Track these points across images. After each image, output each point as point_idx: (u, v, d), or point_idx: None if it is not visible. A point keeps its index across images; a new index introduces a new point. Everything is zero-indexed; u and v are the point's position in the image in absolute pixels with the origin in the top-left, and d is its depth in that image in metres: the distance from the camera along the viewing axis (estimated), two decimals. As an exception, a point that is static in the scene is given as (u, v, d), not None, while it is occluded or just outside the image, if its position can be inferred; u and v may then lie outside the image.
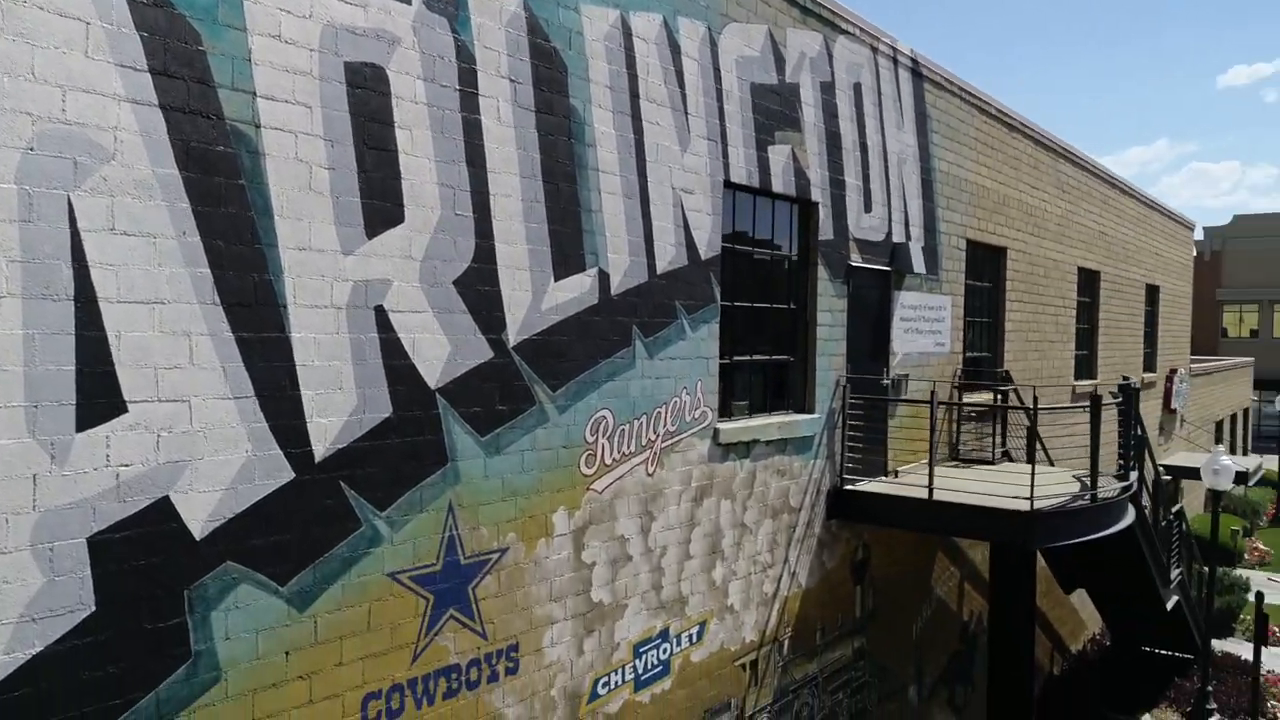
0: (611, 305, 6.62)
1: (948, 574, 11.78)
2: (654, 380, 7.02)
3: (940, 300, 11.14)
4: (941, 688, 11.76)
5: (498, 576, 5.89)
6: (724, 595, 7.88)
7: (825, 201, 8.94)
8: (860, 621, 9.85)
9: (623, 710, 6.90)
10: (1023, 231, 13.39)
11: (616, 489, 6.75)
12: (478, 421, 5.72)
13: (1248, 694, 14.28)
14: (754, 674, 8.29)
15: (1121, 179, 17.88)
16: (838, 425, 9.30)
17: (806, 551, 8.92)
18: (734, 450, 7.90)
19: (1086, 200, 15.97)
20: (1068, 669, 15.96)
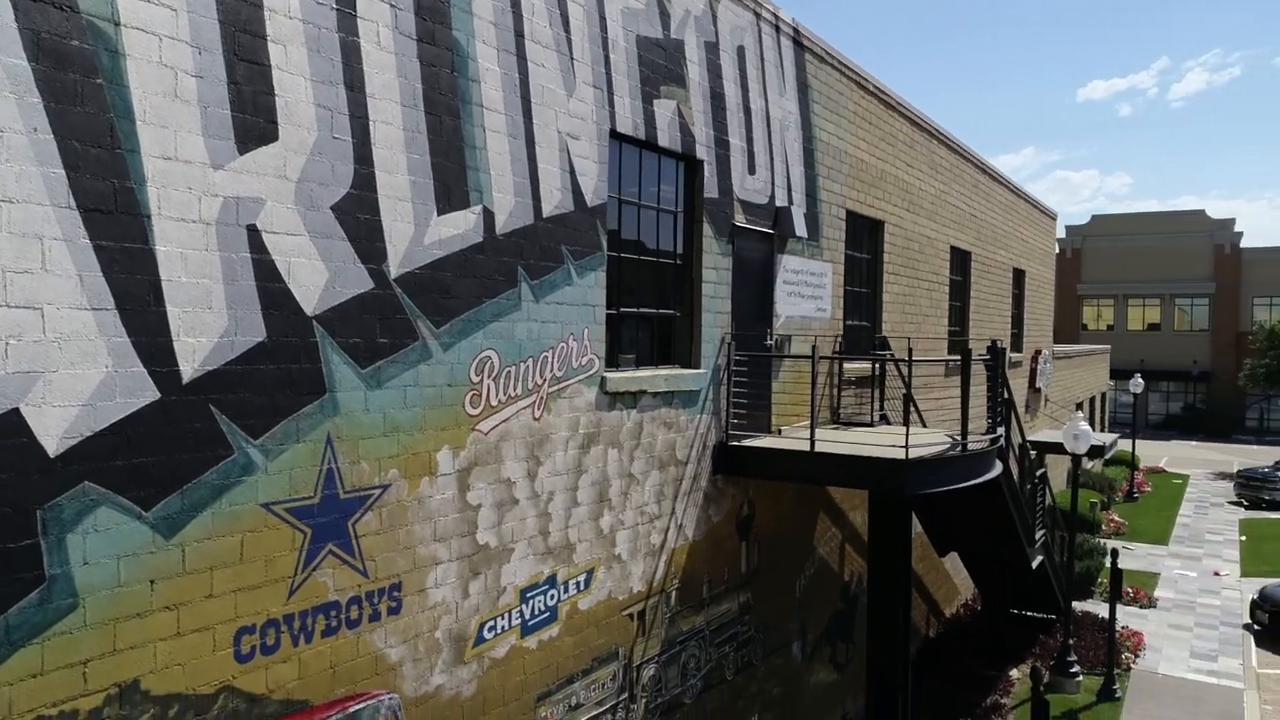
0: (497, 245, 6.56)
1: (829, 535, 12.13)
2: (540, 324, 6.99)
3: (822, 267, 11.45)
4: (824, 645, 12.09)
5: (379, 513, 5.76)
6: (611, 544, 7.91)
7: (710, 160, 9.08)
8: (746, 577, 10.04)
9: (509, 655, 6.85)
10: (899, 207, 13.89)
11: (503, 431, 6.69)
12: (358, 353, 5.58)
13: (1104, 647, 15.19)
14: (642, 624, 8.35)
15: (991, 165, 18.76)
16: (723, 382, 9.45)
17: (693, 505, 9.04)
18: (621, 400, 7.94)
19: (958, 182, 16.69)
20: (942, 631, 16.64)
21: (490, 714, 6.68)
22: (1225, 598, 19.88)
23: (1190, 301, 56.02)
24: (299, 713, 5.28)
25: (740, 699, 10.03)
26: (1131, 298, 56.96)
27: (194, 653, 4.75)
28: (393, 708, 5.88)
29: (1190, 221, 55.28)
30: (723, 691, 9.67)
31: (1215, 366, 54.09)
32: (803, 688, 11.49)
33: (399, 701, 5.94)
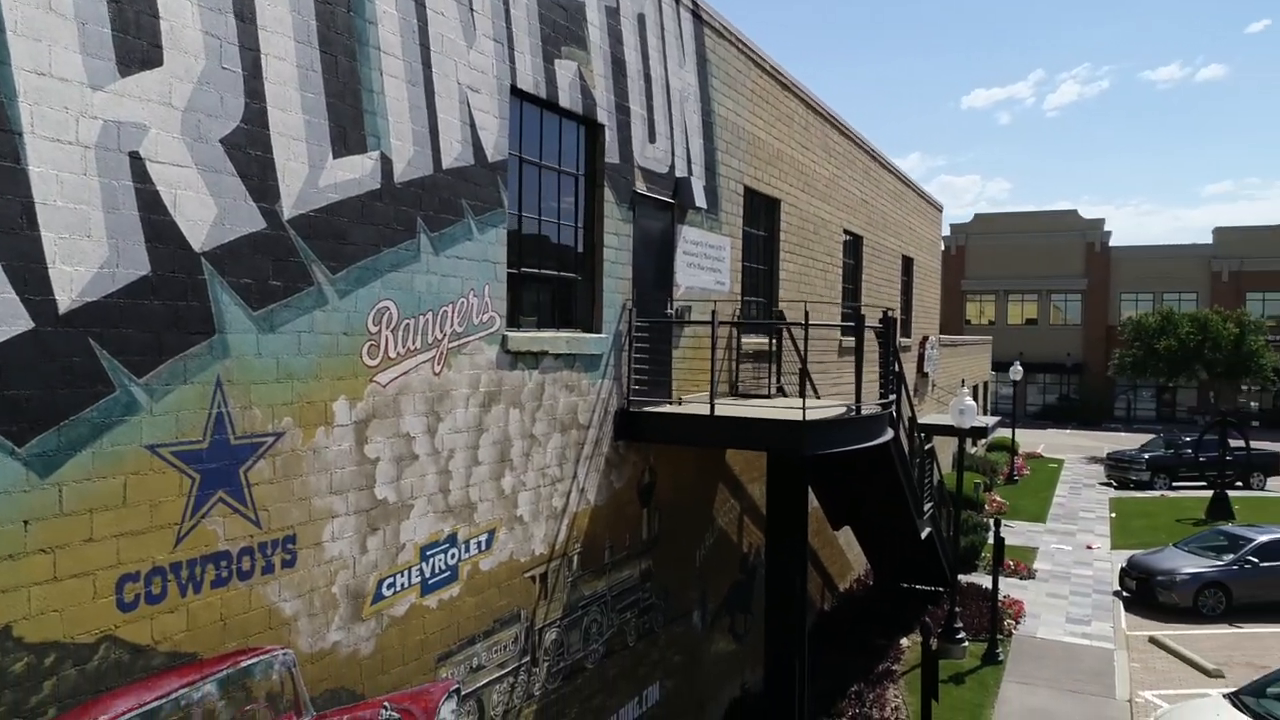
0: (395, 193, 6.43)
1: (729, 506, 12.31)
2: (440, 277, 6.88)
3: (721, 240, 11.61)
4: (724, 615, 12.26)
5: (272, 462, 5.57)
6: (513, 505, 7.85)
7: (611, 125, 9.10)
8: (647, 544, 10.10)
9: (409, 614, 6.72)
10: (795, 187, 14.20)
11: (402, 384, 6.56)
12: (249, 294, 5.38)
13: (988, 615, 15.87)
14: (544, 587, 8.31)
15: (881, 154, 19.36)
16: (624, 348, 9.49)
17: (595, 470, 9.05)
18: (523, 360, 7.89)
19: (851, 167, 17.16)
20: (837, 605, 17.09)
21: (389, 673, 6.54)
22: (1097, 569, 21.02)
23: (1065, 297, 59.01)
24: (187, 666, 5.07)
25: (642, 665, 10.09)
26: (1011, 293, 59.65)
27: (73, 599, 4.51)
28: (287, 664, 5.70)
29: (1064, 221, 58.21)
30: (625, 657, 9.71)
31: (1087, 359, 57.12)
32: (703, 656, 11.64)
33: (294, 658, 5.77)
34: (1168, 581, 17.93)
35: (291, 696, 5.74)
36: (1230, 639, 16.38)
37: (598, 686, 9.21)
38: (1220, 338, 38.76)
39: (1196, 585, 17.76)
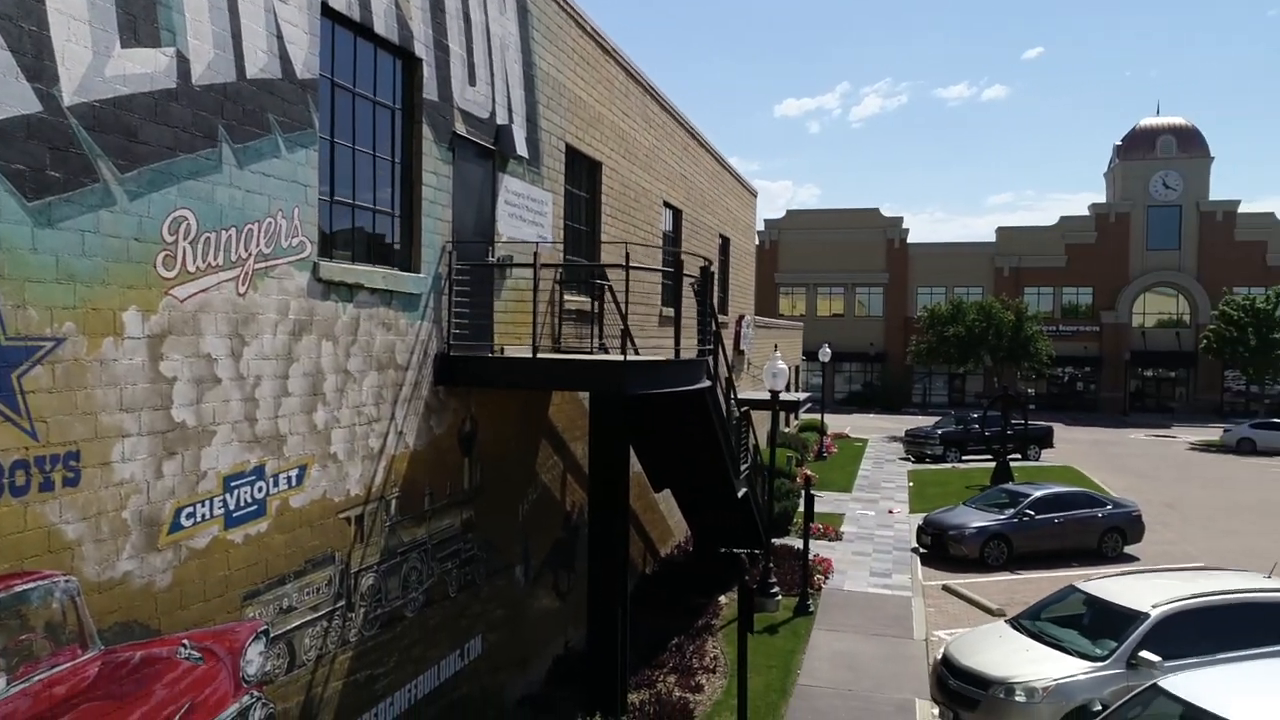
0: (193, 96, 6.03)
1: (552, 463, 12.31)
2: (245, 193, 6.51)
3: (543, 195, 11.58)
4: (547, 572, 12.25)
5: (52, 369, 5.10)
6: (326, 442, 7.54)
7: (430, 61, 8.90)
8: (469, 494, 9.94)
9: (212, 547, 6.32)
10: (616, 152, 14.36)
11: (202, 301, 6.16)
12: (23, 182, 4.90)
13: (800, 572, 16.63)
14: (360, 529, 8.03)
15: (699, 132, 19.88)
16: (444, 292, 9.30)
17: (414, 413, 8.82)
18: (336, 291, 7.58)
19: (670, 141, 17.54)
20: (658, 569, 17.43)
21: (189, 609, 6.13)
22: (897, 530, 22.47)
23: (868, 291, 62.69)
24: (-52, 587, 4.57)
25: (463, 617, 9.93)
26: (820, 286, 62.79)
27: None
28: (69, 591, 5.24)
29: (867, 218, 61.80)
30: (446, 608, 9.53)
31: (889, 348, 60.94)
32: (526, 611, 11.58)
33: (77, 585, 5.30)
34: (958, 535, 19.38)
35: (75, 628, 5.27)
36: (1011, 584, 17.91)
37: (418, 636, 8.99)
38: (1002, 324, 42.31)
39: (982, 538, 19.29)
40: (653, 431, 13.55)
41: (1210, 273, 56.67)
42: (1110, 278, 58.75)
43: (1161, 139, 58.80)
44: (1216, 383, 57.33)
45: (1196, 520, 24.49)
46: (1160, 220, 58.50)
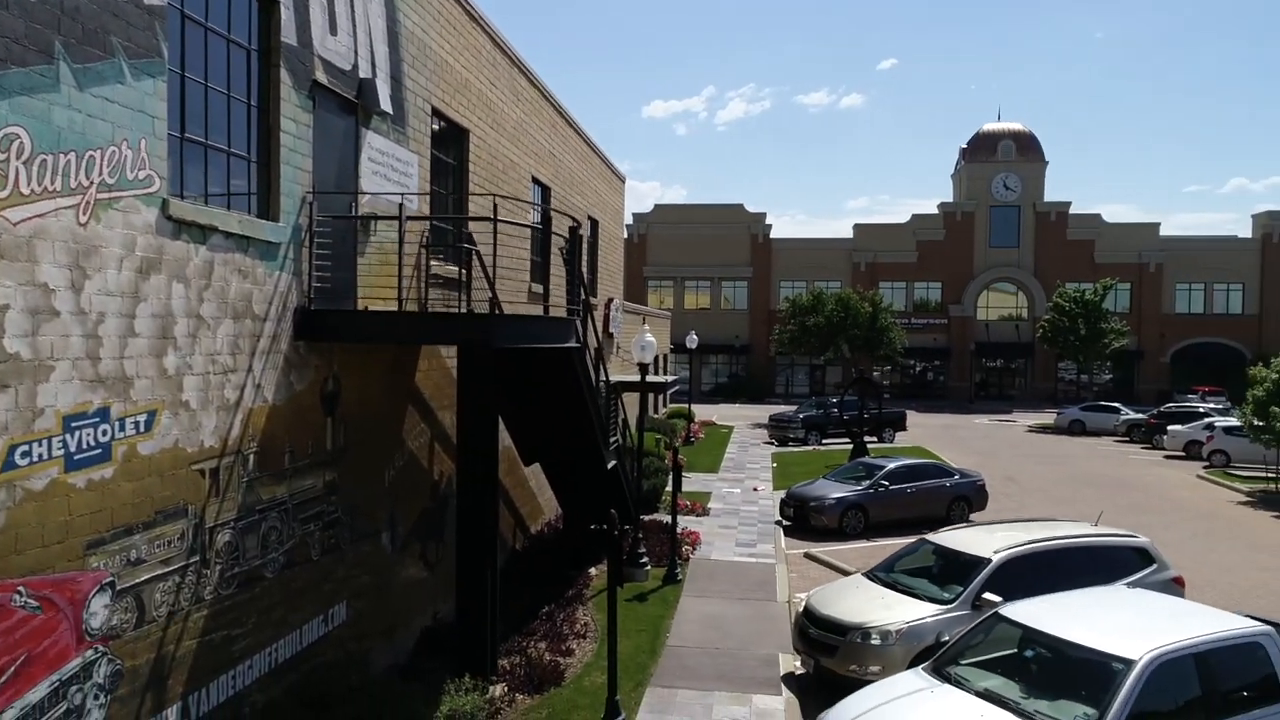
0: (26, 6, 5.66)
1: (419, 430, 12.11)
2: (86, 117, 6.15)
3: (409, 156, 11.38)
4: (414, 541, 12.04)
5: None
6: (178, 388, 7.20)
7: (287, 3, 8.61)
8: (332, 455, 9.68)
9: (51, 489, 5.95)
10: (484, 122, 14.24)
11: (37, 227, 5.79)
12: None
13: (669, 544, 16.90)
14: (215, 483, 7.71)
15: (568, 111, 19.90)
16: (305, 244, 9.03)
17: (273, 367, 8.52)
18: (188, 231, 7.25)
19: (538, 117, 17.50)
20: (529, 545, 17.37)
21: (25, 554, 5.75)
22: (762, 505, 23.13)
23: (734, 284, 64.16)
24: None
25: (327, 582, 9.66)
26: (688, 280, 63.85)
27: None
28: (-113, 526, 4.84)
29: (733, 214, 63.26)
30: (308, 570, 9.25)
31: (753, 341, 62.55)
32: (393, 580, 11.36)
33: (-104, 521, 4.90)
34: (819, 506, 20.12)
35: (-107, 566, 4.87)
36: (869, 550, 18.68)
37: (279, 598, 8.70)
38: (859, 315, 44.14)
39: (841, 508, 20.09)
40: (522, 401, 13.52)
41: (1045, 269, 60.65)
42: (957, 273, 62.07)
43: (1002, 143, 62.56)
44: (1051, 372, 61.43)
45: (1034, 490, 26.21)
46: (1001, 219, 62.22)
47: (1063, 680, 7.75)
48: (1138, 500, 24.89)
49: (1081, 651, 7.82)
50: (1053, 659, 8.08)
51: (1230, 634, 7.99)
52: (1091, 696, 7.34)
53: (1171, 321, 61.32)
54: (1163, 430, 36.85)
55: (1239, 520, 22.88)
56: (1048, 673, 8.01)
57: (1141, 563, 11.91)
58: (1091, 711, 7.21)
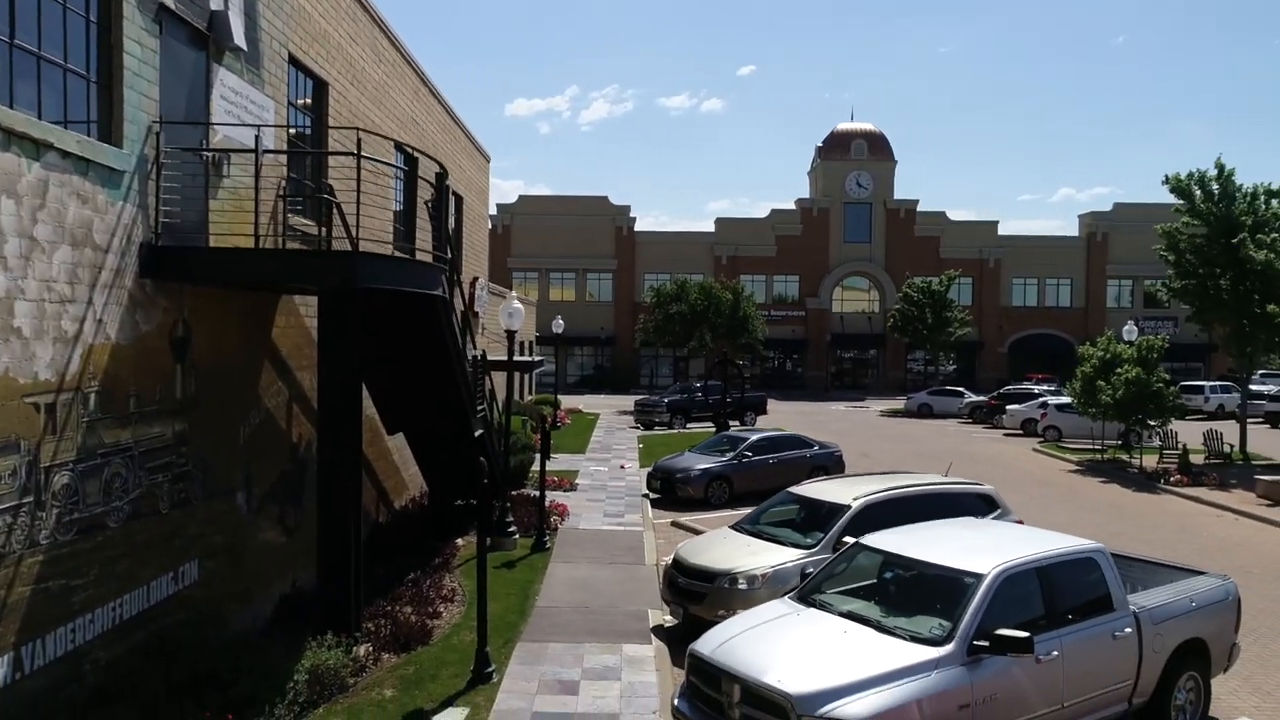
0: None
1: (277, 389, 11.61)
2: (-100, 2, 5.61)
3: (264, 100, 10.89)
4: (272, 504, 11.54)
5: None
6: (8, 312, 6.66)
7: (132, -83, 8.10)
8: (182, 404, 9.16)
9: None
10: (344, 78, 13.77)
11: None
12: None
13: (537, 516, 16.81)
14: (52, 420, 7.17)
15: (432, 81, 19.49)
16: (151, 176, 8.51)
17: (116, 303, 8.00)
18: (19, 144, 6.72)
19: (401, 81, 17.07)
20: (393, 519, 16.93)
21: None
22: (629, 481, 23.32)
23: (598, 276, 64.37)
24: None
25: (177, 537, 9.14)
26: (553, 271, 63.65)
27: None
28: None
29: (598, 205, 63.49)
30: (156, 524, 8.72)
31: (618, 333, 62.92)
32: (249, 542, 10.86)
33: None
34: (685, 477, 20.45)
35: None
36: (734, 519, 19.02)
37: (123, 550, 8.17)
38: (721, 303, 45.11)
39: (707, 479, 20.48)
40: (385, 363, 13.15)
41: (895, 263, 63.53)
42: (814, 267, 64.28)
43: (855, 142, 65.20)
44: (901, 363, 64.45)
45: (886, 464, 27.34)
46: (855, 216, 64.83)
47: (920, 598, 8.14)
48: (982, 471, 26.34)
49: (936, 570, 8.23)
50: (910, 579, 8.49)
51: (1068, 550, 8.59)
52: (946, 609, 7.73)
53: (1009, 314, 65.37)
54: (1002, 411, 39.26)
55: (1071, 485, 24.63)
56: (906, 592, 8.40)
57: (987, 508, 12.64)
58: (946, 623, 7.59)
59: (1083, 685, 8.04)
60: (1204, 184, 28.21)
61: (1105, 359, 27.58)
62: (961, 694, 7.17)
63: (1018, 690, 7.56)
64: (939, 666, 7.20)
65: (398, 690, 9.52)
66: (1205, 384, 46.91)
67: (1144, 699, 8.62)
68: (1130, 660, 8.43)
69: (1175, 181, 28.72)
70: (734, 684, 7.30)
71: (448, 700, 9.33)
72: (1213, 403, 44.23)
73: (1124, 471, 26.41)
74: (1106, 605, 8.44)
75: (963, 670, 7.26)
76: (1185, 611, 9.02)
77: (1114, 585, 8.56)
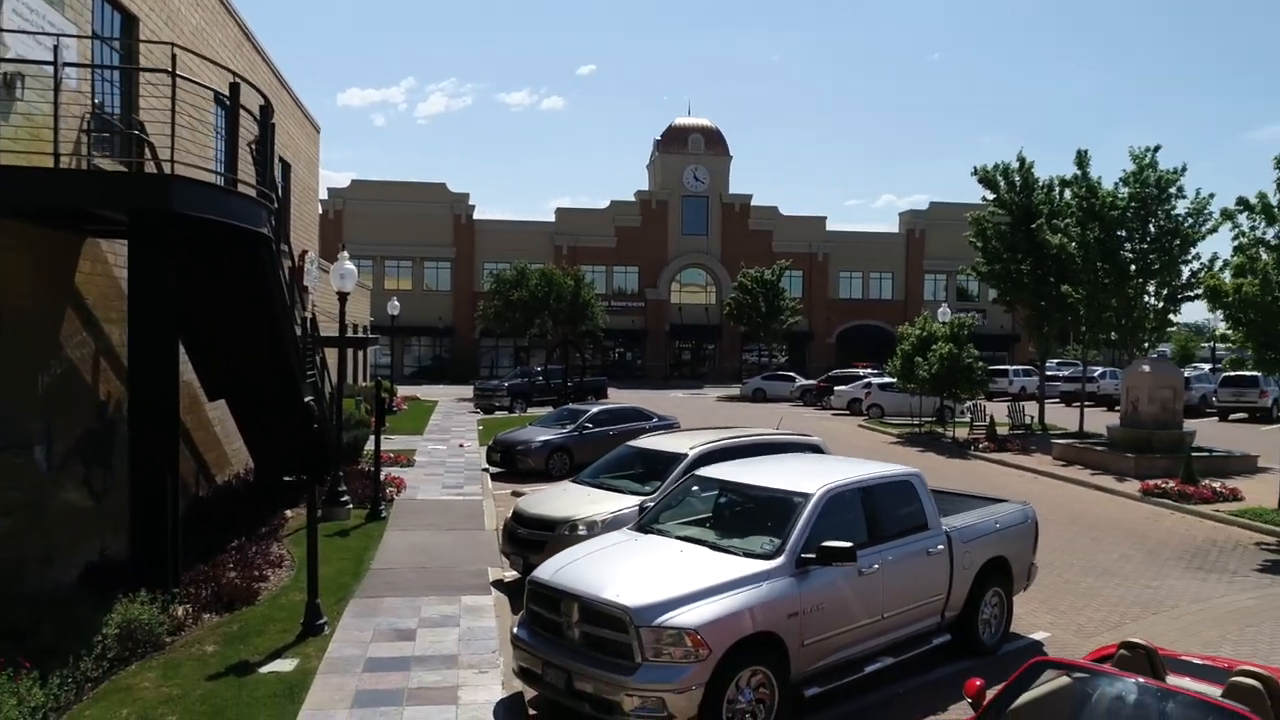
0: None
1: (80, 339, 10.75)
2: None
3: (63, 23, 10.04)
4: (76, 463, 10.67)
5: None
6: None
7: None
8: (-31, 343, 8.35)
9: None
10: (157, 16, 12.90)
11: None
12: None
13: (372, 489, 16.30)
14: None
15: (256, 36, 18.55)
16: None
17: (-112, 220, 7.21)
18: None
19: (222, 31, 16.16)
20: (214, 494, 16.01)
21: None
22: (469, 458, 23.01)
23: (436, 265, 63.07)
24: None
25: (-36, 489, 8.33)
26: (389, 259, 61.82)
27: None
28: None
29: (434, 192, 62.21)
30: (-62, 471, 7.92)
31: (457, 323, 61.89)
32: (51, 502, 10.01)
33: None
34: (526, 449, 20.35)
35: None
36: (573, 487, 19.20)
37: (-103, 495, 7.37)
38: (562, 290, 45.11)
39: (548, 451, 20.47)
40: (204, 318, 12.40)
41: (731, 256, 65.38)
42: (653, 259, 65.29)
43: (692, 136, 66.67)
44: (737, 354, 66.40)
45: (723, 440, 28.18)
46: (692, 209, 66.30)
47: (752, 520, 8.45)
48: (810, 443, 27.57)
49: (767, 493, 8.57)
50: (743, 504, 8.80)
51: (887, 474, 9.13)
52: (776, 528, 8.04)
53: (837, 306, 68.53)
54: (830, 393, 41.14)
55: (892, 454, 26.07)
56: (740, 516, 8.69)
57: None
58: (776, 540, 7.89)
59: (901, 598, 8.55)
60: (1008, 175, 30.53)
61: (922, 337, 29.41)
62: (790, 603, 7.47)
63: (842, 601, 7.95)
64: (770, 578, 7.48)
65: (221, 645, 9.04)
66: (1009, 368, 50.67)
67: (955, 613, 9.25)
68: (943, 575, 9.03)
69: (984, 172, 30.96)
70: (573, 603, 7.33)
71: (275, 653, 8.93)
72: (1016, 385, 47.84)
73: (939, 441, 28.25)
74: (922, 525, 9.00)
75: (792, 581, 7.57)
76: (990, 531, 9.76)
77: (928, 507, 9.15)
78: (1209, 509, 17.60)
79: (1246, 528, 16.28)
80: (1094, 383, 42.83)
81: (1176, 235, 25.01)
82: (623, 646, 6.96)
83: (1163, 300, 26.03)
